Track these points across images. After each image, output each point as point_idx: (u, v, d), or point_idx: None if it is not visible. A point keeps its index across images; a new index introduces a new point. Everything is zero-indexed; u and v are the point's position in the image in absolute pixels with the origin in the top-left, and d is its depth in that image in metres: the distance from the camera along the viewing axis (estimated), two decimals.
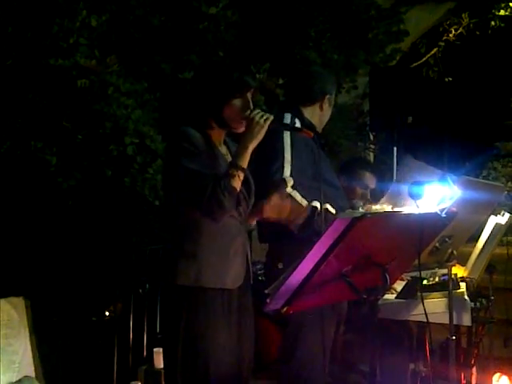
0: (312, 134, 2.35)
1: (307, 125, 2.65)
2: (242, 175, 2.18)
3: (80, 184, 3.75)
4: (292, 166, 2.50)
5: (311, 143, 2.58)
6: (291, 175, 2.49)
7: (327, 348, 2.54)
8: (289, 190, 2.48)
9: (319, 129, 2.78)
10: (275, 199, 2.45)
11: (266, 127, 2.20)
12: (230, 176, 2.15)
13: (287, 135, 2.55)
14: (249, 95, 2.27)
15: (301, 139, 2.55)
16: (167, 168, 2.36)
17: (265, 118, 2.19)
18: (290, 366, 2.54)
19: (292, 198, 2.47)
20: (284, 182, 2.48)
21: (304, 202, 2.48)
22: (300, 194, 2.49)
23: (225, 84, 2.24)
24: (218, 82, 2.25)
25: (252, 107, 2.26)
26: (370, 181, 3.45)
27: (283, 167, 2.48)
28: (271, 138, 2.34)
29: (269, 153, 2.49)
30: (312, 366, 2.51)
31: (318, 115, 2.77)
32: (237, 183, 2.16)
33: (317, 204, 2.49)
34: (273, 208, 2.45)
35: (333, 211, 2.52)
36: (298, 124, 2.63)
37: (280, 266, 2.53)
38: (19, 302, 2.85)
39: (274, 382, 2.72)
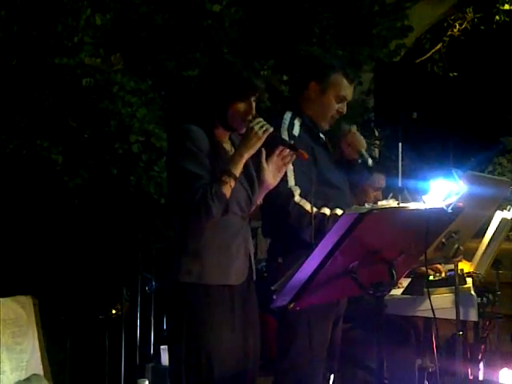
0: (306, 156, 2.29)
1: (307, 124, 2.60)
2: (233, 183, 2.17)
3: (86, 183, 3.76)
4: (295, 173, 2.46)
5: (311, 143, 2.55)
6: (296, 183, 2.46)
7: (324, 343, 2.53)
8: (297, 199, 2.45)
9: (324, 122, 2.65)
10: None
11: (263, 139, 2.19)
12: (222, 183, 2.15)
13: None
14: (252, 99, 2.26)
15: (300, 142, 2.49)
16: (167, 165, 2.37)
17: (264, 129, 2.18)
18: (286, 361, 2.54)
19: (300, 206, 2.46)
20: (290, 191, 2.46)
21: (313, 210, 2.47)
22: (309, 202, 2.46)
23: (231, 85, 2.23)
24: (225, 83, 2.24)
25: (254, 113, 2.24)
26: (381, 181, 3.43)
27: (286, 176, 2.44)
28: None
29: None
30: (308, 360, 2.50)
31: (310, 107, 2.62)
32: (227, 190, 2.16)
33: (326, 211, 2.47)
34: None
35: None
36: (297, 123, 2.58)
37: (280, 260, 2.53)
38: (27, 300, 2.87)
39: None
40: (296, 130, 2.55)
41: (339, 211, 2.48)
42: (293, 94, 2.73)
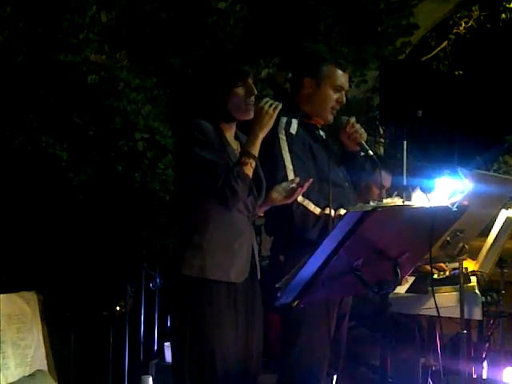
0: (322, 123, 2.30)
1: (305, 121, 2.59)
2: (253, 163, 2.20)
3: (91, 179, 3.77)
4: (295, 172, 2.45)
5: (309, 141, 2.56)
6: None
7: (327, 340, 2.53)
8: (300, 199, 2.44)
9: (325, 115, 2.62)
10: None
11: (274, 116, 2.22)
12: (243, 164, 2.18)
13: (283, 140, 2.49)
14: (250, 81, 2.28)
15: (298, 140, 2.51)
16: (180, 158, 2.36)
17: (274, 106, 2.22)
18: (290, 359, 2.54)
19: (304, 207, 2.45)
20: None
21: (317, 211, 2.46)
22: (312, 202, 2.46)
23: (223, 75, 2.26)
24: (217, 75, 2.27)
25: (256, 92, 2.27)
26: (386, 180, 3.42)
27: (286, 175, 2.44)
28: (268, 145, 2.31)
29: (269, 162, 2.44)
30: (312, 358, 2.50)
31: (307, 103, 2.61)
32: (249, 170, 2.19)
33: (330, 211, 2.47)
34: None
35: None
36: (294, 121, 2.56)
37: (281, 258, 2.52)
38: (32, 296, 2.88)
39: None
40: (293, 128, 2.54)
41: (343, 211, 2.48)
42: (291, 93, 2.73)
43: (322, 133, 2.68)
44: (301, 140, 2.53)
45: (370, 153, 2.56)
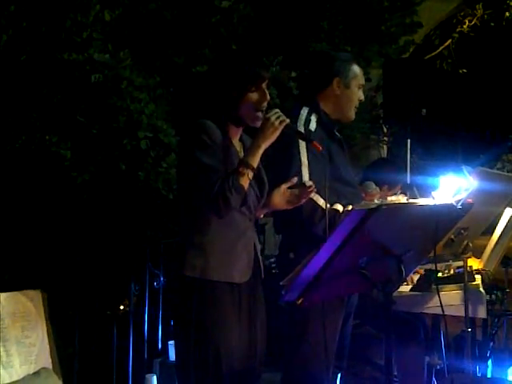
0: (320, 148, 2.30)
1: (324, 120, 2.62)
2: (251, 174, 2.18)
3: (94, 178, 3.77)
4: (310, 168, 2.47)
5: (327, 140, 2.57)
6: (310, 178, 2.46)
7: (334, 340, 2.53)
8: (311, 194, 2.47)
9: (342, 116, 2.69)
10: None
11: (280, 129, 2.18)
12: (240, 174, 2.15)
13: None
14: (264, 86, 2.26)
15: (316, 138, 2.50)
16: (180, 158, 2.36)
17: (280, 119, 2.18)
18: (296, 358, 2.54)
19: (314, 201, 2.46)
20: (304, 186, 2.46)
21: (327, 206, 2.47)
22: (322, 197, 2.47)
23: (238, 79, 2.23)
24: (231, 79, 2.24)
25: (269, 98, 2.25)
26: (374, 191, 3.42)
27: (301, 171, 2.46)
28: (286, 141, 2.32)
29: (284, 156, 2.47)
30: (317, 357, 2.51)
31: (333, 102, 2.66)
32: (245, 181, 2.16)
33: (339, 207, 2.47)
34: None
35: None
36: (313, 119, 2.59)
37: (291, 255, 2.53)
38: (36, 294, 2.88)
39: None
40: (312, 126, 2.57)
41: (351, 207, 2.49)
42: (311, 91, 2.73)
43: (337, 133, 2.71)
44: (319, 138, 2.53)
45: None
